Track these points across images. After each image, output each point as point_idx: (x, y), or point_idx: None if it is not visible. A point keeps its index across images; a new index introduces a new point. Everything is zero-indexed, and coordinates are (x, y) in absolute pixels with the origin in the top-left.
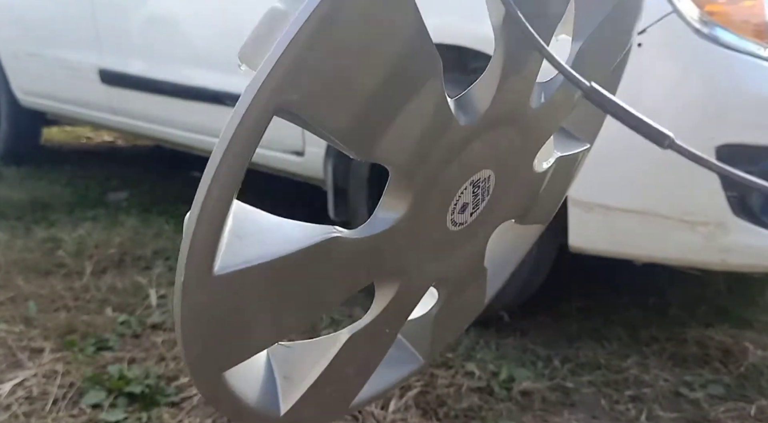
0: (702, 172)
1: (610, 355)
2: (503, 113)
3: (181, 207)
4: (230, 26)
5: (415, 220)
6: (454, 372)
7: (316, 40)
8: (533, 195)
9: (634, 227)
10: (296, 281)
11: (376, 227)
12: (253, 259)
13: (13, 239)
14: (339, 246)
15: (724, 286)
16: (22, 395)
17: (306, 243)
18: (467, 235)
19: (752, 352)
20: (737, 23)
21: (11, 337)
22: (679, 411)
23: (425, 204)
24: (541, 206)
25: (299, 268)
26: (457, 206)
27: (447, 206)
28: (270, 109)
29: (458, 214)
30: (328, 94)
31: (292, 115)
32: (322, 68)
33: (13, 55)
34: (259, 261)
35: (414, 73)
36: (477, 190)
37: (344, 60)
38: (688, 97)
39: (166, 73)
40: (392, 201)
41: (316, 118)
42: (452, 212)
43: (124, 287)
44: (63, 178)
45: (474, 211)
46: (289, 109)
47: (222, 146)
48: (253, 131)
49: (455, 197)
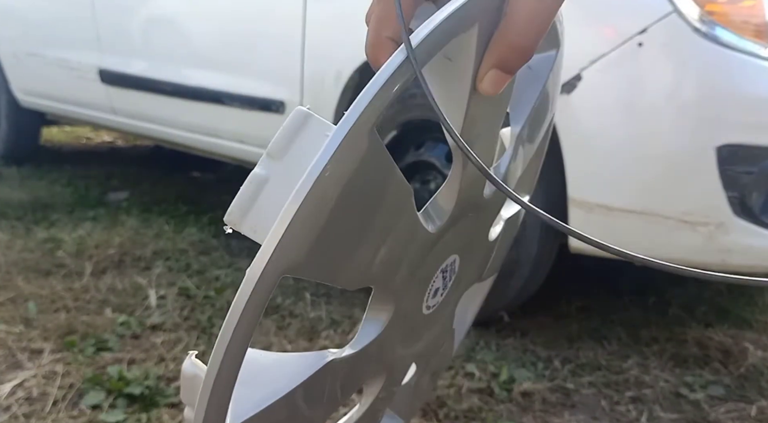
0: (702, 172)
1: (610, 356)
2: (464, 208)
3: (181, 207)
4: (230, 26)
5: (397, 322)
6: (454, 373)
7: (313, 214)
8: (489, 258)
9: (635, 227)
10: (301, 406)
11: (366, 339)
12: (260, 404)
13: (13, 239)
14: (334, 367)
15: (724, 286)
16: (21, 396)
17: (305, 375)
18: (440, 312)
19: (752, 353)
20: (737, 23)
21: (11, 337)
22: (680, 412)
23: (405, 305)
24: (494, 261)
25: (303, 396)
26: (430, 294)
27: (422, 297)
28: (278, 275)
29: (431, 299)
30: (326, 252)
31: (296, 274)
32: (320, 235)
33: (13, 55)
34: (267, 403)
35: (393, 209)
36: (446, 273)
37: (337, 222)
38: (688, 96)
39: (166, 73)
40: (376, 313)
41: (316, 274)
42: (426, 300)
43: (124, 288)
44: (63, 178)
45: (444, 292)
46: (293, 273)
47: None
48: (263, 296)
49: (428, 288)
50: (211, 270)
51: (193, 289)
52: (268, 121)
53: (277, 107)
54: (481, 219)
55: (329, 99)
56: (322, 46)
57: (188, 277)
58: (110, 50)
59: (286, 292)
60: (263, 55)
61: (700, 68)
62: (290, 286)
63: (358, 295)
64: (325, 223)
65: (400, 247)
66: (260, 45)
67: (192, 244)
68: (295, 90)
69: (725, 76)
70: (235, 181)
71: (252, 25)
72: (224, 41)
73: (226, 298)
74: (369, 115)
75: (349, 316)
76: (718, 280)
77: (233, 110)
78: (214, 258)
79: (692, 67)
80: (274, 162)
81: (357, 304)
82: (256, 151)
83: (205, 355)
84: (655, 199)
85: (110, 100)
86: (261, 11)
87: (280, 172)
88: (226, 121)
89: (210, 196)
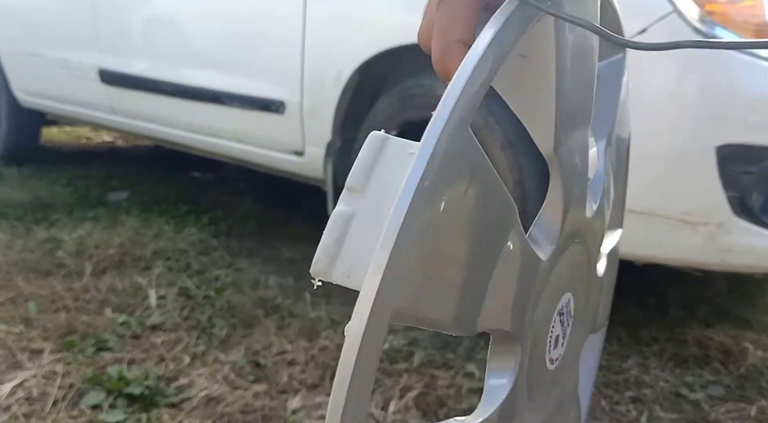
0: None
1: (610, 356)
2: (571, 233)
3: (181, 207)
4: (230, 26)
5: (522, 379)
6: (455, 373)
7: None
8: (599, 300)
9: (635, 227)
10: None
11: (494, 402)
12: None
13: (13, 239)
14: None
15: (724, 286)
16: (21, 396)
17: None
18: (563, 369)
19: (752, 353)
20: (737, 23)
21: (11, 337)
22: (680, 412)
23: (529, 354)
24: (604, 306)
25: None
26: (551, 343)
27: (544, 347)
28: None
29: (553, 350)
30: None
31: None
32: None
33: (13, 55)
34: None
35: (498, 232)
36: (563, 317)
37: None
38: (689, 96)
39: (166, 73)
40: (499, 369)
41: (425, 317)
42: (549, 351)
43: (124, 288)
44: (63, 178)
45: (564, 341)
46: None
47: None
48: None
49: (549, 334)
50: (211, 270)
51: (193, 289)
52: (268, 121)
53: (277, 107)
54: (587, 247)
55: (329, 99)
56: (322, 46)
57: (188, 277)
58: (110, 50)
59: (286, 292)
60: (263, 55)
61: (700, 68)
62: (290, 286)
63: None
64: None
65: (512, 278)
66: (260, 45)
67: (192, 244)
68: (295, 90)
69: (725, 76)
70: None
71: (252, 25)
72: (224, 41)
73: (226, 298)
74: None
75: (349, 316)
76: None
77: (233, 110)
78: (214, 258)
79: (692, 67)
80: (357, 196)
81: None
82: (256, 151)
83: (205, 354)
84: (655, 199)
85: (110, 100)
86: (261, 11)
87: (365, 205)
88: (226, 121)
89: (210, 196)
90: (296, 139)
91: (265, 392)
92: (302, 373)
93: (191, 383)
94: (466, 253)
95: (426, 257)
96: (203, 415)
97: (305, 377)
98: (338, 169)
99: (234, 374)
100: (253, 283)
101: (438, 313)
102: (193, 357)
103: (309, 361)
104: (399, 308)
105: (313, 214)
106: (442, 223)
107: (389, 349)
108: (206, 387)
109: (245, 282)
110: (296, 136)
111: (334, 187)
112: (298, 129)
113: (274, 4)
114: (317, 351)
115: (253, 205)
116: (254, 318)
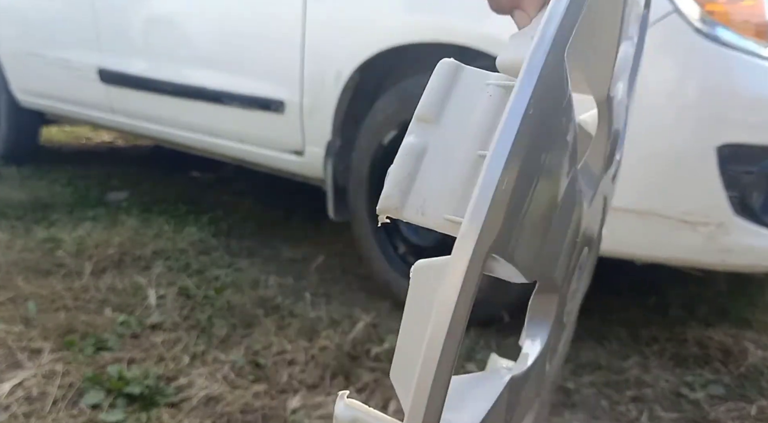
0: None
1: (610, 356)
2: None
3: (181, 207)
4: (230, 26)
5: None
6: (454, 373)
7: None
8: (594, 266)
9: (635, 227)
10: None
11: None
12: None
13: (13, 239)
14: (516, 381)
15: (724, 286)
16: (21, 396)
17: (496, 395)
18: (569, 324)
19: (752, 352)
20: (738, 23)
21: (11, 337)
22: (680, 411)
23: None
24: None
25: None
26: (569, 295)
27: (565, 301)
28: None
29: (569, 302)
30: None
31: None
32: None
33: (12, 55)
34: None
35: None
36: (581, 272)
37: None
38: (689, 96)
39: (166, 73)
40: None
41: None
42: (566, 304)
43: (124, 287)
44: (63, 178)
45: (575, 296)
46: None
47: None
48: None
49: (570, 288)
50: (211, 270)
51: (192, 289)
52: (268, 120)
53: (276, 107)
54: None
55: (329, 99)
56: (322, 46)
57: (188, 277)
58: (110, 50)
59: (286, 292)
60: (263, 55)
61: (700, 68)
62: (290, 286)
63: (359, 295)
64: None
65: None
66: (260, 45)
67: (192, 243)
68: (294, 89)
69: (726, 75)
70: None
71: (252, 24)
72: (224, 41)
73: (225, 298)
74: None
75: (349, 316)
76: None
77: (233, 110)
78: (214, 258)
79: (693, 66)
80: (430, 126)
81: (357, 304)
82: (256, 151)
83: (205, 354)
84: (655, 198)
85: (110, 99)
86: (261, 11)
87: (440, 137)
88: (225, 120)
89: (210, 196)
90: (296, 138)
91: (264, 392)
92: (302, 372)
93: (191, 383)
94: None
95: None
96: (203, 415)
97: (305, 377)
98: (338, 169)
99: (234, 374)
100: (253, 282)
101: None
102: (193, 357)
103: (309, 360)
104: (497, 245)
105: (313, 214)
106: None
107: (389, 349)
108: (206, 386)
109: (245, 282)
110: (296, 136)
111: (334, 187)
112: (298, 129)
113: (274, 3)
114: (317, 351)
115: (253, 205)
116: (254, 318)
